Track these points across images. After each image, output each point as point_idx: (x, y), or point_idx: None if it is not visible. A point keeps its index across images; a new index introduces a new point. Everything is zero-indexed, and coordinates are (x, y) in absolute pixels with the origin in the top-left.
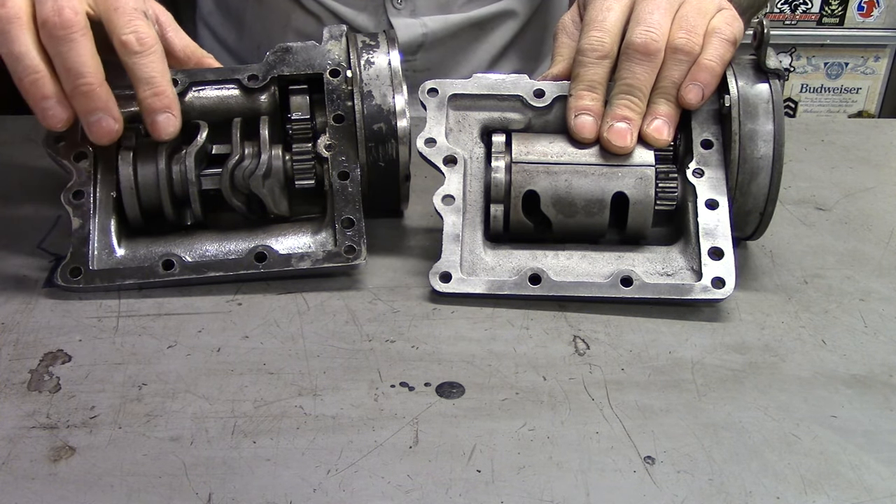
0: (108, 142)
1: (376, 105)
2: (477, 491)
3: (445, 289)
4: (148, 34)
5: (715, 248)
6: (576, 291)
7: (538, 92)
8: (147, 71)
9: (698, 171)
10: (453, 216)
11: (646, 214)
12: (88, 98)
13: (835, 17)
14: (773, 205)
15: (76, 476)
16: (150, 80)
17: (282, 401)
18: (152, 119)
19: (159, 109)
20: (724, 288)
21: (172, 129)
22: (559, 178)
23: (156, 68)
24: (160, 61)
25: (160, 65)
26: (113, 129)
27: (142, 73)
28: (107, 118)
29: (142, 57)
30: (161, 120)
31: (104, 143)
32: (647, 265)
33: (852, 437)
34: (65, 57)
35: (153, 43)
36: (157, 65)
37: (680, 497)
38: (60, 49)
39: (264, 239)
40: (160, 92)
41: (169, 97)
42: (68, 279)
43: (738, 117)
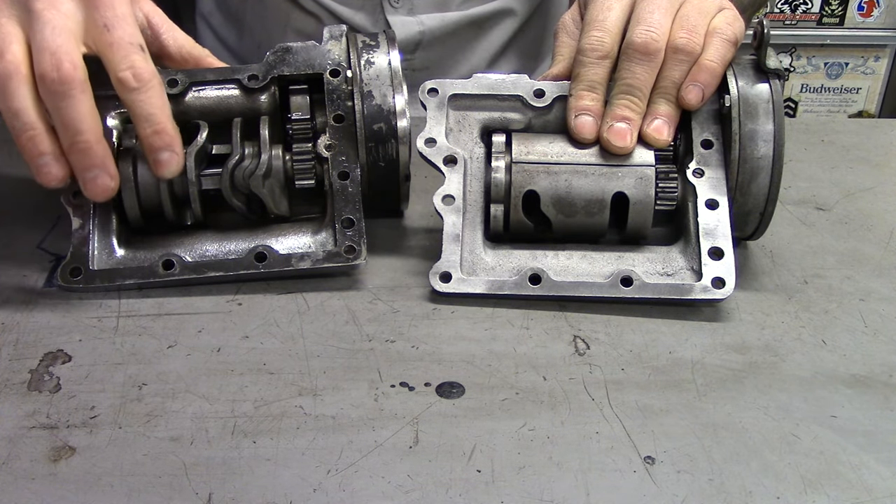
0: (103, 199)
1: (376, 105)
2: (477, 491)
3: (445, 289)
4: (144, 68)
5: (715, 248)
6: (576, 291)
7: (538, 92)
8: (146, 108)
9: (698, 171)
10: (453, 216)
11: (646, 214)
12: (85, 155)
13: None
14: (773, 205)
15: (76, 476)
16: (150, 116)
17: (282, 401)
18: (154, 158)
19: (161, 148)
20: (724, 288)
21: (175, 168)
22: (559, 178)
23: (154, 104)
24: (159, 96)
25: (159, 100)
26: (109, 186)
27: (141, 110)
28: (103, 175)
29: (140, 93)
30: (164, 158)
31: (100, 200)
32: (647, 265)
33: (852, 437)
34: (63, 113)
35: (150, 77)
36: (155, 100)
37: (680, 497)
38: (59, 105)
39: (264, 239)
40: (160, 130)
41: (170, 134)
42: (68, 279)
43: (738, 117)
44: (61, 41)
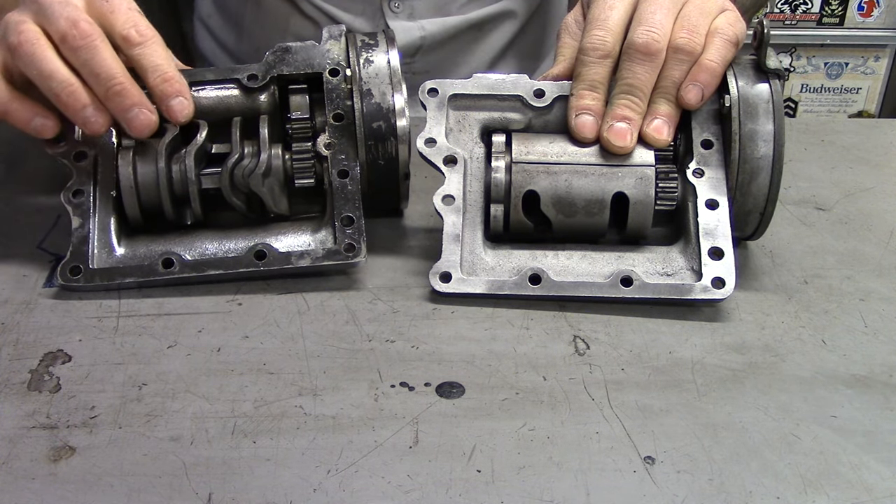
0: (149, 133)
1: (376, 104)
2: (477, 491)
3: (445, 289)
4: (146, 26)
5: (715, 248)
6: (576, 291)
7: (538, 92)
8: (153, 59)
9: (698, 171)
10: (453, 216)
11: (646, 214)
12: (123, 96)
13: (835, 17)
14: (773, 205)
15: (76, 476)
16: (157, 67)
17: (282, 401)
18: (167, 105)
19: (171, 94)
20: (724, 288)
21: (188, 112)
22: (559, 178)
23: (160, 55)
24: (163, 49)
25: (163, 52)
26: (151, 120)
27: (147, 61)
28: (144, 111)
29: (144, 47)
30: (175, 104)
31: (145, 136)
32: (647, 265)
33: (852, 437)
34: (91, 64)
35: (152, 34)
36: (160, 52)
37: (680, 497)
38: (85, 58)
39: (264, 237)
40: (169, 77)
41: (179, 81)
42: (68, 278)
43: (738, 117)
44: (70, 10)
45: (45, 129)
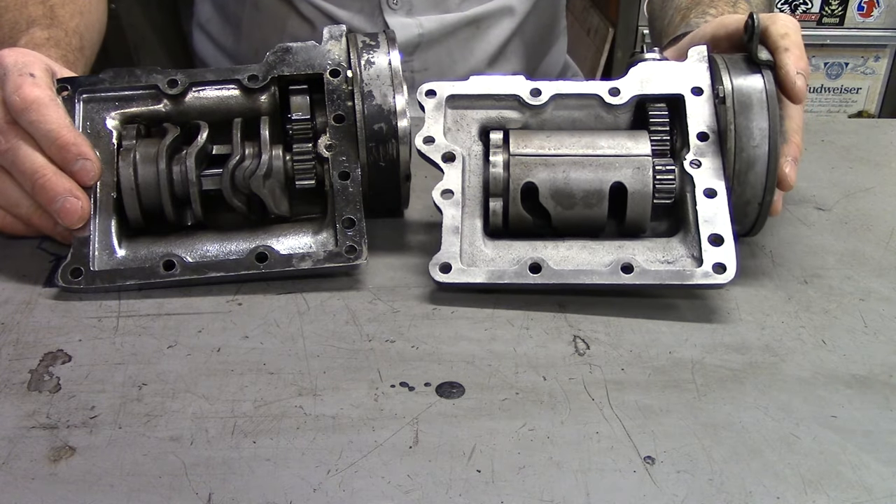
0: (80, 222)
1: (377, 105)
2: (477, 491)
3: (445, 279)
4: (31, 86)
5: (715, 234)
6: (576, 279)
7: (535, 91)
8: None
9: (695, 163)
10: (452, 209)
11: (644, 204)
12: (45, 189)
13: (835, 17)
14: (770, 195)
15: (76, 476)
16: (47, 134)
17: (282, 401)
18: (70, 171)
19: (71, 160)
20: (726, 273)
21: (94, 174)
22: (557, 169)
23: (49, 118)
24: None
25: (52, 113)
26: (77, 206)
27: (37, 129)
28: (70, 199)
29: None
30: (77, 169)
31: (78, 225)
32: (647, 254)
33: (852, 437)
34: (14, 166)
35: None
36: (49, 114)
37: (680, 497)
38: (10, 161)
39: (265, 239)
40: (63, 143)
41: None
42: (69, 280)
43: (732, 107)
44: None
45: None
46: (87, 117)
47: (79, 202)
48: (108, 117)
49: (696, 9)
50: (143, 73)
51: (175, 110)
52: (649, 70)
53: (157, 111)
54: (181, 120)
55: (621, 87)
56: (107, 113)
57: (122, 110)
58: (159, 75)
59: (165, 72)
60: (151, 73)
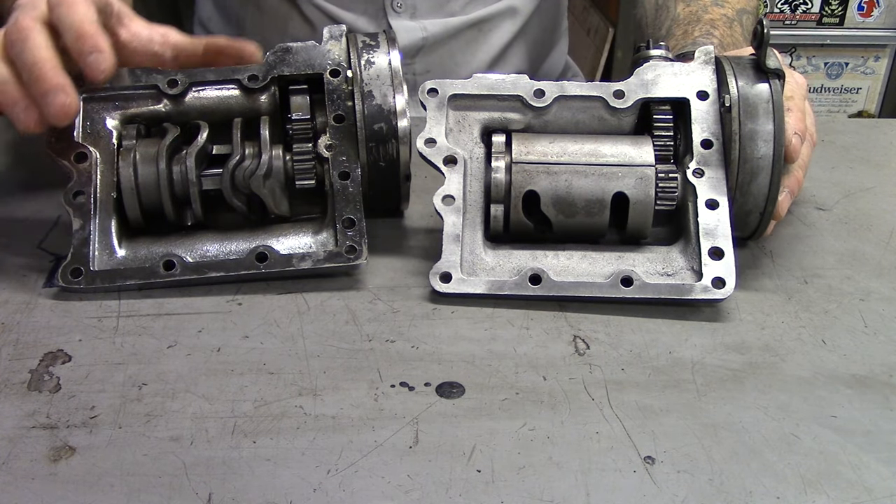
0: (65, 119)
1: (377, 105)
2: (477, 491)
3: (445, 289)
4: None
5: (715, 248)
6: (576, 291)
7: (538, 92)
8: (67, 18)
9: (698, 171)
10: (453, 216)
11: (646, 214)
12: (39, 82)
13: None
14: (773, 205)
15: (76, 476)
16: (71, 25)
17: (282, 401)
18: (84, 63)
19: (86, 51)
20: (725, 288)
21: (105, 66)
22: (559, 178)
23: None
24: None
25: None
26: (64, 103)
27: (63, 22)
28: (59, 95)
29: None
30: (90, 60)
31: (62, 122)
32: (647, 265)
33: (852, 437)
34: (21, 57)
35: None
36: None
37: (680, 497)
38: (17, 51)
39: (265, 239)
40: (83, 33)
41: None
42: (69, 280)
43: (738, 117)
44: (23, 11)
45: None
46: (87, 117)
47: (68, 98)
48: (108, 117)
49: (697, 25)
50: (143, 73)
51: (175, 110)
52: (654, 72)
53: (157, 111)
54: (181, 120)
55: (626, 89)
56: (107, 113)
57: (122, 110)
58: (159, 75)
59: (165, 72)
60: (151, 73)
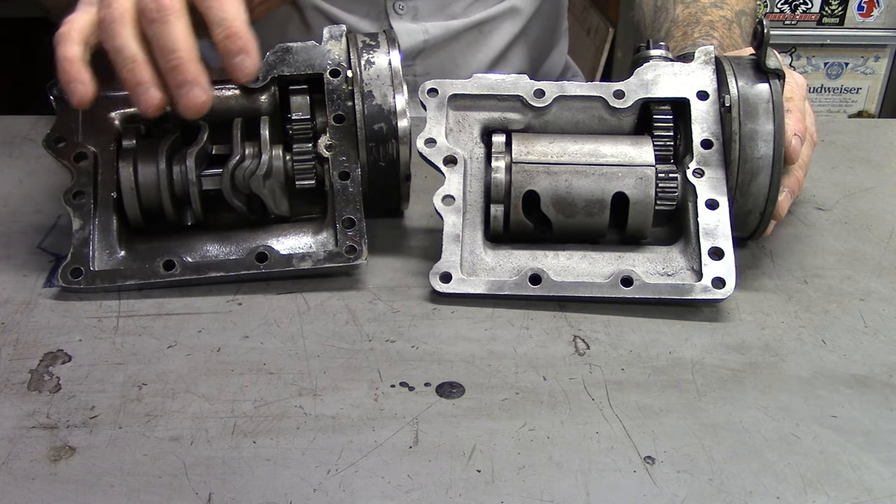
0: (196, 114)
1: (377, 105)
2: (477, 491)
3: (446, 289)
4: None
5: (715, 248)
6: (576, 291)
7: (538, 92)
8: (218, 13)
9: (698, 171)
10: (453, 216)
11: (646, 214)
12: (178, 71)
13: (835, 17)
14: (773, 205)
15: (76, 476)
16: (221, 21)
17: (282, 401)
18: (229, 63)
19: (234, 52)
20: (725, 288)
21: (249, 71)
22: (559, 178)
23: (229, 8)
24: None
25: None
26: (200, 99)
27: (213, 15)
28: (196, 89)
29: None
30: (237, 62)
31: (192, 116)
32: (647, 265)
33: (852, 437)
34: (159, 37)
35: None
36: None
37: (680, 497)
38: (156, 31)
39: (265, 239)
40: (233, 32)
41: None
42: (69, 280)
43: (738, 117)
44: None
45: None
46: (87, 117)
47: (202, 95)
48: (108, 117)
49: (697, 27)
50: None
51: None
52: (654, 72)
53: None
54: (181, 120)
55: (625, 89)
56: (107, 113)
57: (122, 110)
58: None
59: None
60: None
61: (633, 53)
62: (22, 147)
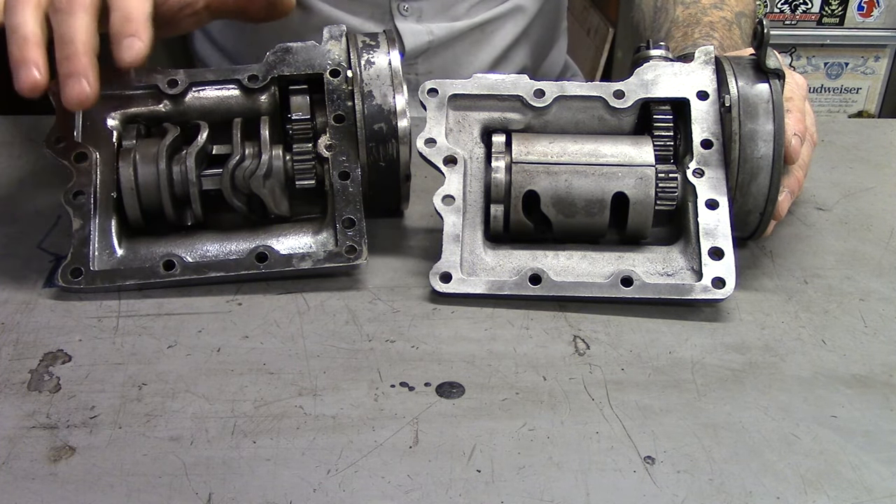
0: (78, 106)
1: (377, 105)
2: (477, 491)
3: (446, 289)
4: None
5: (715, 248)
6: (576, 291)
7: (538, 92)
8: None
9: (698, 171)
10: (453, 216)
11: (646, 214)
12: (69, 62)
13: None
14: (773, 205)
15: (76, 476)
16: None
17: (282, 401)
18: (117, 46)
19: (125, 34)
20: (725, 288)
21: (135, 52)
22: (559, 178)
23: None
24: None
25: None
26: (84, 92)
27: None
28: (81, 81)
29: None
30: (125, 44)
31: (74, 108)
32: (647, 265)
33: (852, 437)
34: (60, 26)
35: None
36: None
37: (680, 497)
38: (59, 20)
39: (265, 239)
40: (128, 17)
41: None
42: (69, 280)
43: (738, 117)
44: None
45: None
46: (87, 117)
47: (87, 89)
48: (108, 117)
49: (697, 27)
50: (142, 73)
51: (175, 110)
52: (654, 72)
53: (157, 111)
54: (181, 120)
55: (626, 89)
56: (107, 113)
57: (122, 110)
58: (159, 75)
59: (165, 72)
60: (151, 73)
61: (633, 53)
62: (22, 147)
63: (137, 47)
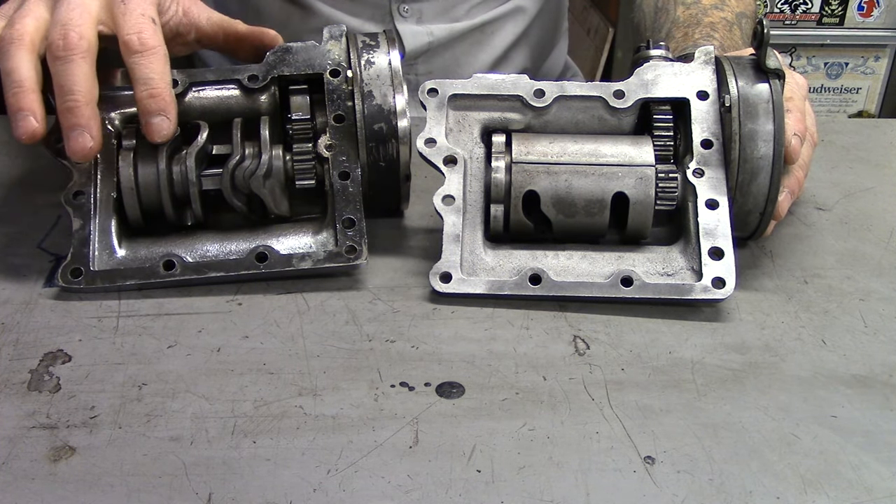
0: (82, 158)
1: (377, 105)
2: (477, 491)
3: (446, 289)
4: (151, 37)
5: (715, 248)
6: (576, 291)
7: (538, 92)
8: (145, 71)
9: (698, 171)
10: (453, 216)
11: (646, 214)
12: (72, 114)
13: (835, 17)
14: (773, 205)
15: (76, 476)
16: (148, 80)
17: (282, 401)
18: (146, 121)
19: (154, 112)
20: (725, 288)
21: (166, 133)
22: (559, 178)
23: (154, 69)
24: (160, 63)
25: (160, 66)
26: (87, 145)
27: (140, 73)
28: (84, 135)
29: (141, 57)
30: (155, 122)
31: (78, 160)
32: (647, 265)
33: (852, 437)
34: (59, 75)
35: (155, 45)
36: (156, 66)
37: (680, 497)
38: (58, 68)
39: (265, 239)
40: (156, 94)
41: (165, 100)
42: (69, 280)
43: (738, 117)
44: (74, 15)
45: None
46: None
47: (91, 142)
48: (108, 117)
49: (697, 28)
50: None
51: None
52: (654, 72)
53: None
54: (181, 120)
55: (626, 89)
56: (107, 113)
57: (122, 110)
58: None
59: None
60: None
61: (633, 53)
62: (22, 147)
63: (167, 128)
